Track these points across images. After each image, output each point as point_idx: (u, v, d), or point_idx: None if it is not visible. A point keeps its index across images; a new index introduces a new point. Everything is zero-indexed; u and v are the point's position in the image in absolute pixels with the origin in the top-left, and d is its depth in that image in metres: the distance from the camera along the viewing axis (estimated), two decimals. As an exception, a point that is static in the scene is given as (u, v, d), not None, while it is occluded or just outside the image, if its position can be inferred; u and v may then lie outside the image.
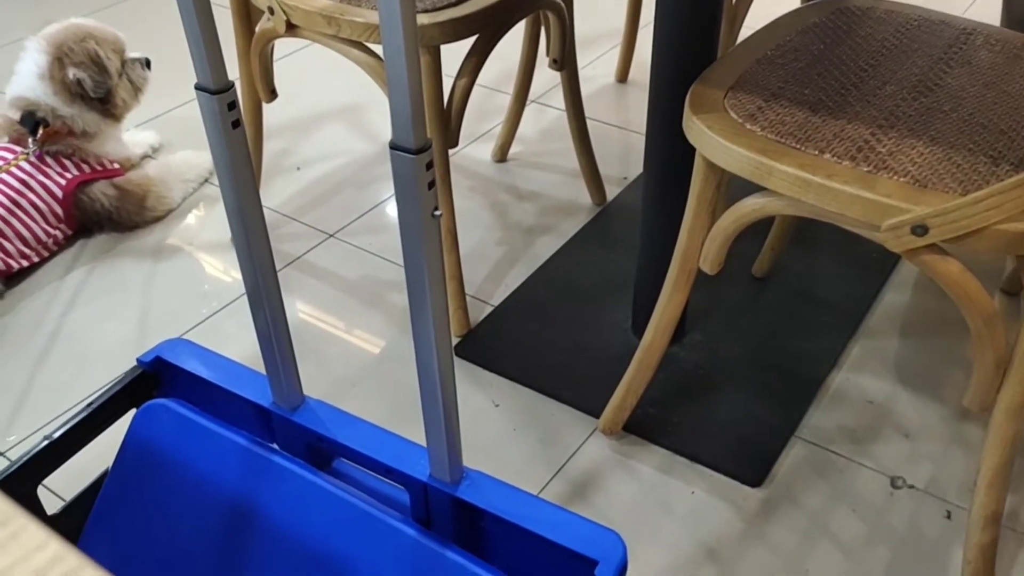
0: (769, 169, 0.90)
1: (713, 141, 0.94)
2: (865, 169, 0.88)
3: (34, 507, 0.82)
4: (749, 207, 0.97)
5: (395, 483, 0.79)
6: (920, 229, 0.84)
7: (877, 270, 1.48)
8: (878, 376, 1.31)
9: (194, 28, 0.61)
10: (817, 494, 1.15)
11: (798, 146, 0.91)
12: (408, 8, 0.51)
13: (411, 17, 0.51)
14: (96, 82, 1.53)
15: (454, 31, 1.18)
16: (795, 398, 1.27)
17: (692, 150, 1.00)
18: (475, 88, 1.28)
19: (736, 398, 1.27)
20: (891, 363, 1.33)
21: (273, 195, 1.72)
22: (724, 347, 1.35)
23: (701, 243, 1.05)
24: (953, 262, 0.87)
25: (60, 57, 1.52)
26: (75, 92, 1.53)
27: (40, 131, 1.51)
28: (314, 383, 1.32)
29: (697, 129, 0.96)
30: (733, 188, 1.03)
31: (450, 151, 1.30)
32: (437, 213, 0.60)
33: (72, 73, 1.51)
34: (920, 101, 0.97)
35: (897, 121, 0.94)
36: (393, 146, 0.58)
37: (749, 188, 0.94)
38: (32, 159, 1.51)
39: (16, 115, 1.53)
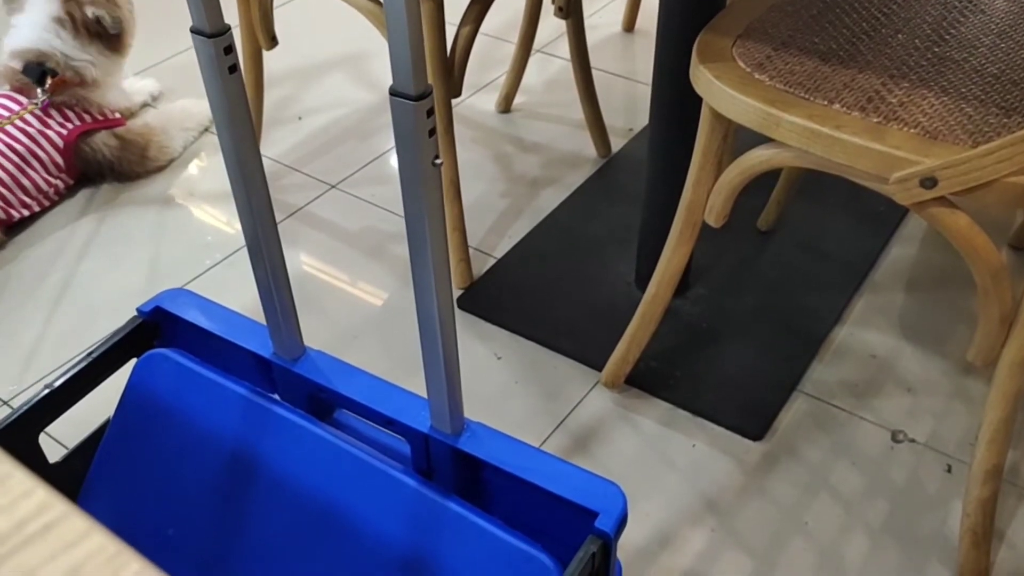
0: (777, 120, 0.89)
1: (720, 91, 0.92)
2: (875, 120, 0.86)
3: (36, 455, 0.83)
4: (756, 159, 0.95)
5: (396, 434, 0.79)
6: (929, 182, 0.82)
7: (884, 224, 1.47)
8: (882, 330, 1.31)
9: (188, -31, 0.59)
10: (818, 448, 1.15)
11: (807, 96, 0.89)
12: (407, -52, 0.49)
13: (410, -43, 0.50)
14: (114, 18, 1.53)
15: (457, -23, 1.16)
16: (798, 352, 1.27)
17: (699, 101, 0.98)
18: (479, 37, 1.26)
19: (739, 352, 1.27)
20: (895, 318, 1.33)
21: (274, 145, 1.70)
22: (728, 301, 1.34)
23: (706, 195, 1.04)
24: (961, 215, 0.85)
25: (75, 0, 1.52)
26: (93, 32, 1.53)
27: (48, 81, 1.50)
28: (316, 335, 1.32)
29: (704, 79, 0.94)
30: (739, 139, 1.01)
31: (453, 101, 1.29)
32: (438, 162, 0.59)
33: (91, 11, 1.51)
34: (932, 51, 0.95)
35: (908, 71, 0.92)
36: (393, 92, 0.57)
37: (755, 140, 0.92)
38: (37, 111, 1.49)
39: (18, 65, 1.52)
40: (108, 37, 1.56)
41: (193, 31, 0.63)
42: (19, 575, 0.19)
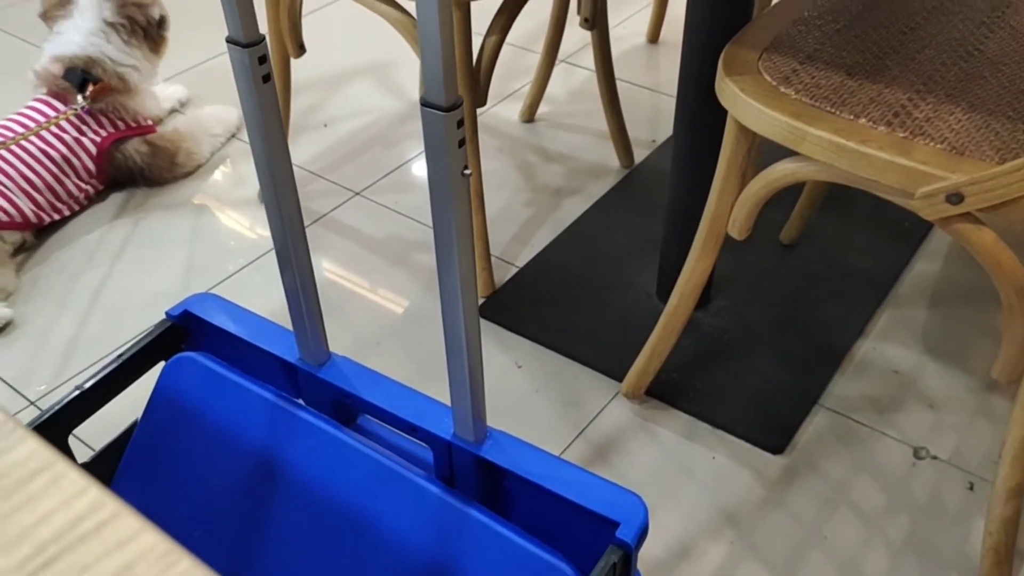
0: (802, 134, 0.89)
1: (746, 104, 0.93)
2: (901, 135, 0.86)
3: (65, 456, 0.84)
4: (780, 172, 0.95)
5: (419, 441, 0.80)
6: (955, 197, 0.82)
7: (908, 238, 1.47)
8: (905, 345, 1.30)
9: (225, -20, 0.61)
10: (839, 463, 1.15)
11: (833, 110, 0.90)
12: (442, -37, 0.50)
13: (444, -28, 0.51)
14: (162, 16, 1.59)
15: (485, -12, 1.17)
16: (820, 366, 1.27)
17: (723, 113, 0.99)
18: (504, 47, 1.27)
19: (760, 365, 1.27)
20: (919, 333, 1.32)
21: (300, 152, 1.72)
22: (749, 313, 1.34)
23: (730, 208, 1.04)
24: (987, 232, 0.85)
25: (132, 3, 1.55)
26: (145, 36, 1.57)
27: (90, 88, 1.52)
28: (339, 340, 1.33)
29: (730, 91, 0.95)
30: (763, 152, 1.01)
31: (478, 110, 1.30)
32: (467, 172, 0.60)
33: (157, 12, 1.56)
34: (959, 66, 0.95)
35: (935, 86, 0.92)
36: (424, 103, 0.57)
37: (780, 152, 0.92)
38: (73, 117, 1.52)
39: (58, 70, 1.54)
40: (152, 39, 1.59)
41: (229, 41, 0.64)
42: (74, 572, 0.20)
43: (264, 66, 0.65)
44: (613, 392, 1.25)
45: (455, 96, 0.56)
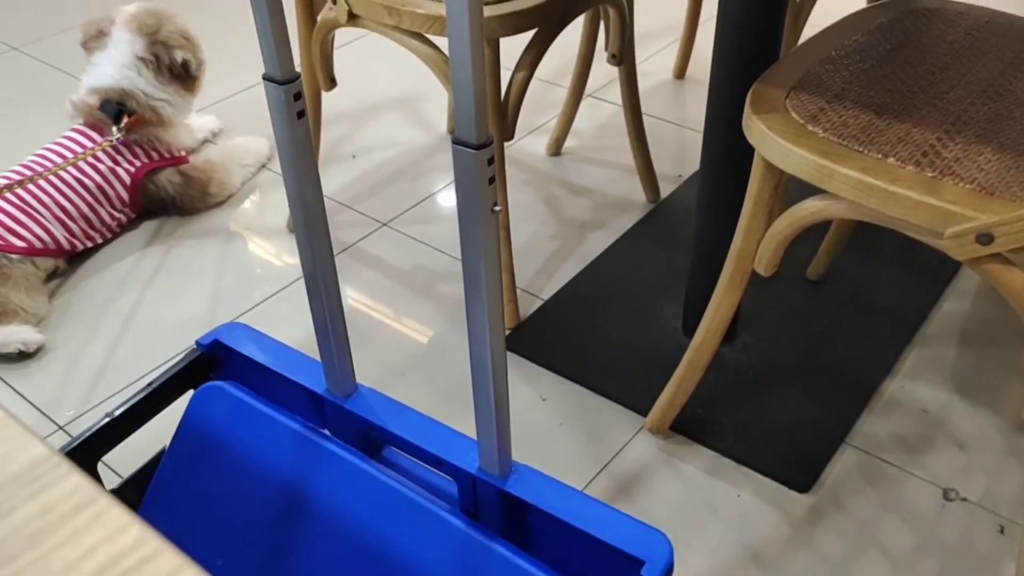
0: (830, 172, 0.89)
1: (773, 142, 0.93)
2: (930, 174, 0.86)
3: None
4: (808, 210, 0.95)
5: (444, 474, 0.80)
6: (985, 238, 0.82)
7: (936, 276, 1.45)
8: (934, 385, 1.29)
9: (264, 18, 0.62)
10: (866, 503, 1.13)
11: (861, 149, 0.90)
12: (476, 3, 0.51)
13: (478, 12, 0.52)
14: (197, 60, 1.61)
15: (515, 24, 1.18)
16: (847, 404, 1.26)
17: (750, 150, 0.99)
18: (531, 81, 1.28)
19: (787, 402, 1.26)
20: (948, 372, 1.31)
21: (329, 182, 1.74)
22: (776, 350, 1.34)
23: (757, 244, 1.04)
24: (1017, 272, 0.85)
25: (159, 42, 1.58)
26: (174, 73, 1.59)
27: (124, 120, 1.55)
28: (364, 370, 1.34)
29: (757, 129, 0.95)
30: (790, 188, 1.01)
31: (505, 144, 1.31)
32: (496, 208, 0.60)
33: (180, 56, 1.57)
34: (989, 106, 0.95)
35: (964, 126, 0.92)
36: (455, 140, 0.58)
37: (806, 189, 0.93)
38: (109, 148, 1.55)
39: (95, 101, 1.57)
40: (184, 78, 1.62)
41: (265, 78, 0.66)
42: (117, 606, 0.21)
43: (299, 103, 0.67)
44: (637, 427, 1.24)
45: (486, 134, 0.57)
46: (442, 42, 1.31)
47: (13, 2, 2.49)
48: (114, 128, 1.54)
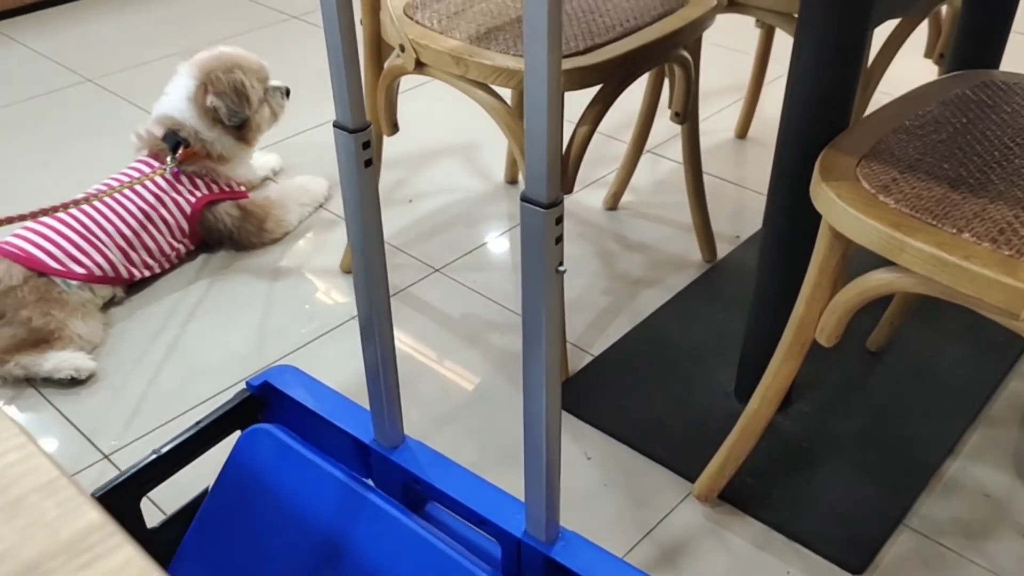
0: (901, 245, 0.86)
1: (842, 211, 0.91)
2: (1007, 253, 0.83)
3: (136, 519, 0.84)
4: (875, 282, 0.93)
5: (488, 535, 0.78)
6: (1066, 323, 0.78)
7: (1003, 354, 1.40)
8: (998, 468, 1.23)
9: (339, 68, 0.62)
10: (924, 589, 1.08)
11: (935, 223, 0.87)
12: (555, 65, 0.50)
13: (556, 75, 0.51)
14: (231, 111, 1.60)
15: (580, 79, 1.18)
16: (905, 483, 1.21)
17: (815, 216, 0.97)
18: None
19: (841, 477, 1.21)
20: (1012, 455, 1.25)
21: (384, 225, 1.74)
22: (832, 421, 1.29)
23: (819, 313, 1.01)
24: (1100, 360, 0.81)
25: (205, 84, 1.59)
26: (213, 118, 1.60)
27: (180, 150, 1.58)
28: (408, 415, 1.33)
29: (826, 197, 0.93)
30: (853, 256, 0.99)
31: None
32: (561, 269, 0.59)
33: (210, 100, 1.58)
34: (1071, 185, 0.92)
35: (1045, 205, 0.89)
36: (524, 199, 0.57)
37: (869, 257, 0.90)
38: (168, 176, 1.57)
39: (159, 132, 1.61)
40: (224, 124, 1.62)
41: (336, 125, 0.66)
42: None
43: (367, 151, 0.66)
44: (684, 492, 1.21)
45: (557, 194, 0.56)
46: (506, 93, 1.32)
47: (92, 35, 2.57)
48: (168, 158, 1.57)
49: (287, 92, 1.73)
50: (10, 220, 1.37)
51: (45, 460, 0.27)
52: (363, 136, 0.66)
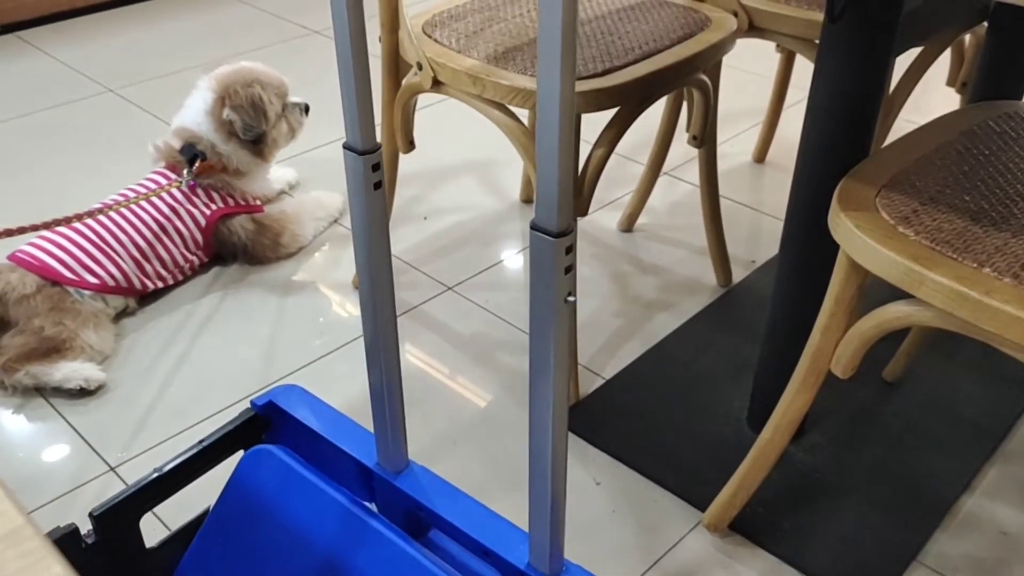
0: (921, 278, 0.84)
1: (861, 241, 0.89)
2: (1029, 289, 0.81)
3: (134, 538, 0.83)
4: (894, 314, 0.91)
5: (490, 565, 0.76)
6: (1089, 363, 0.76)
7: (1021, 389, 1.38)
8: (1015, 505, 1.21)
9: (351, 89, 0.61)
10: (938, 630, 1.06)
11: (955, 256, 0.85)
12: (567, 93, 0.49)
13: (569, 104, 0.50)
14: (246, 125, 1.60)
15: (597, 102, 1.17)
16: (920, 519, 1.18)
17: (833, 245, 0.95)
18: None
19: (855, 510, 1.19)
20: (1031, 493, 1.23)
21: (398, 242, 1.74)
22: (846, 453, 1.27)
23: (835, 344, 1.00)
24: (1123, 402, 0.78)
25: (223, 97, 1.60)
26: (229, 131, 1.60)
27: (197, 163, 1.58)
28: (415, 434, 1.31)
29: (844, 227, 0.91)
30: (871, 288, 0.97)
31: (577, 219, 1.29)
32: (571, 299, 0.58)
33: (226, 113, 1.58)
34: (1095, 221, 0.90)
35: (1068, 240, 0.87)
36: (534, 227, 0.56)
37: (886, 288, 0.88)
38: (184, 188, 1.57)
39: (178, 144, 1.61)
40: (240, 138, 1.62)
41: (346, 147, 0.65)
42: None
43: (377, 173, 0.66)
44: (694, 521, 1.19)
45: (567, 223, 0.55)
46: (523, 113, 1.31)
47: (114, 47, 2.59)
48: (185, 171, 1.57)
49: (306, 109, 1.73)
50: (23, 230, 1.37)
51: (11, 506, 0.26)
52: (372, 158, 0.65)
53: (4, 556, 0.25)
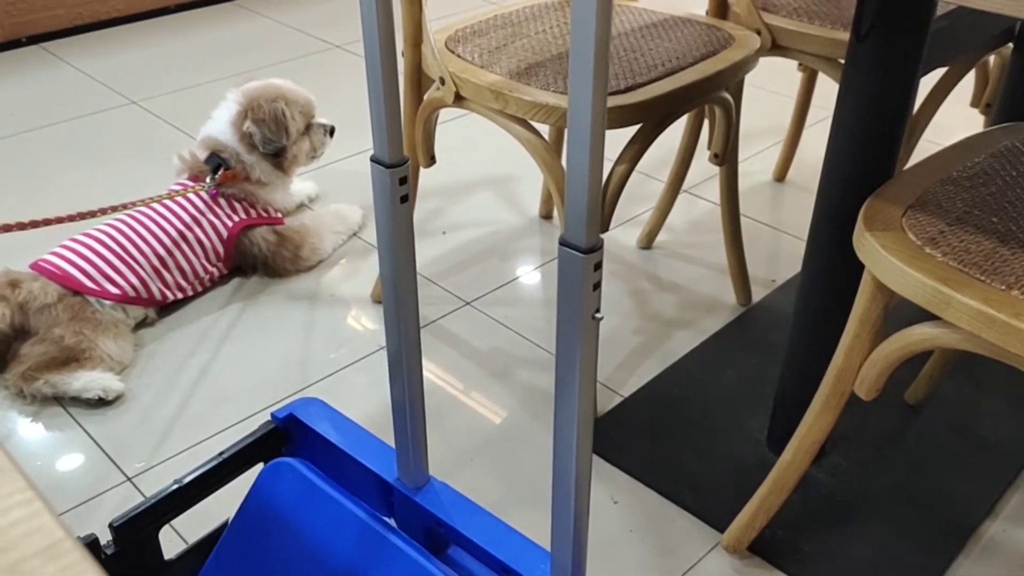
0: (948, 299, 0.84)
1: (887, 262, 0.88)
2: (1059, 313, 0.80)
3: (153, 549, 0.83)
4: (919, 336, 0.90)
5: (511, 583, 0.76)
6: (1121, 388, 0.75)
7: (1046, 413, 1.36)
8: (1040, 532, 1.19)
9: (379, 103, 0.61)
10: (961, 657, 1.04)
11: (983, 278, 0.84)
12: (599, 112, 0.49)
13: (600, 121, 0.50)
14: (265, 139, 1.61)
15: (620, 118, 1.17)
16: (942, 543, 1.17)
17: (856, 265, 0.94)
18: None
19: (876, 534, 1.17)
20: (1056, 520, 1.21)
21: (416, 256, 1.74)
22: (867, 476, 1.26)
23: (859, 366, 0.99)
24: None
25: (247, 110, 1.61)
26: (250, 143, 1.62)
27: (220, 172, 1.59)
28: (433, 450, 1.31)
29: (870, 247, 0.91)
30: (896, 309, 0.96)
31: (600, 236, 1.28)
32: (599, 316, 0.57)
33: (247, 126, 1.60)
34: None
35: (1099, 264, 0.86)
36: (563, 242, 0.56)
37: (911, 308, 0.87)
38: (205, 195, 1.58)
39: (203, 154, 1.63)
40: (273, 158, 1.64)
41: (373, 160, 0.65)
42: None
43: (404, 187, 0.66)
44: (712, 543, 1.17)
45: (596, 239, 0.55)
46: (544, 129, 1.31)
47: (139, 59, 2.62)
48: (208, 178, 1.58)
49: (331, 131, 1.74)
50: (22, 227, 1.36)
51: (50, 519, 0.26)
52: (400, 171, 0.65)
53: (44, 571, 0.25)
